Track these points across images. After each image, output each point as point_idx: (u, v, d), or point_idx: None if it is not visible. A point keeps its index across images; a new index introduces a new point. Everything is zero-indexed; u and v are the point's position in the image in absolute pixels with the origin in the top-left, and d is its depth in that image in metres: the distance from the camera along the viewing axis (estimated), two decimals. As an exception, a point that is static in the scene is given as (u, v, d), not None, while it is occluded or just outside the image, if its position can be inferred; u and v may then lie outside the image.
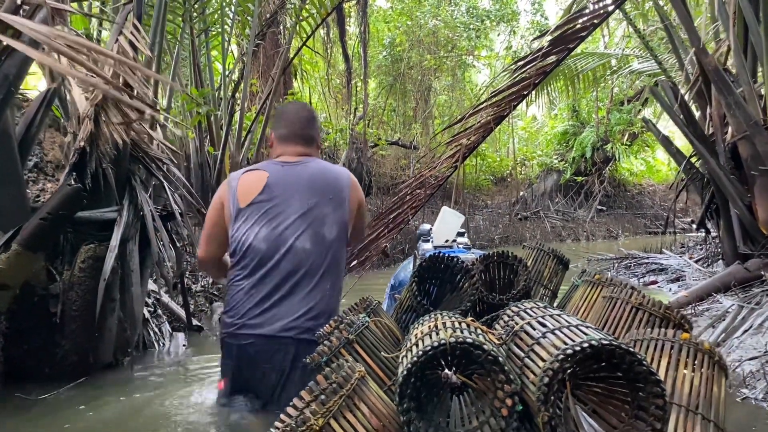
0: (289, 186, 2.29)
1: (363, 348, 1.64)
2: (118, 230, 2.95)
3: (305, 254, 2.22)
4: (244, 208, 2.26)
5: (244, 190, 2.29)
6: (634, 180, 18.30)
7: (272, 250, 2.21)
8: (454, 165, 5.07)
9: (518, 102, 4.96)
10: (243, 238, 2.24)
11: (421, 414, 1.30)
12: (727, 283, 3.99)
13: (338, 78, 12.97)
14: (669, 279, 5.71)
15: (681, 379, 1.42)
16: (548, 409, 1.17)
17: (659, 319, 1.71)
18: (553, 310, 1.50)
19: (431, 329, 1.40)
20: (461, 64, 14.46)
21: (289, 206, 2.26)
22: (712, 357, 1.46)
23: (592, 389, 1.35)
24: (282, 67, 6.95)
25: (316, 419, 1.24)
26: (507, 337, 1.44)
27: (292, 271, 2.20)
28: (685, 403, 1.37)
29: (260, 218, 2.24)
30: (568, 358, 1.19)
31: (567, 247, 12.58)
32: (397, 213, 5.02)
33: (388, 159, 14.00)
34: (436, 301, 2.11)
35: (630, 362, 1.20)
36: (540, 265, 2.32)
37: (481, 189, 16.79)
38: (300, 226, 2.24)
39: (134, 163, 3.24)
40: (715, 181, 4.76)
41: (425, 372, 1.33)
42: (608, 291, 1.86)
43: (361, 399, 1.32)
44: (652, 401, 1.20)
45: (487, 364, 1.27)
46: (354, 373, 1.34)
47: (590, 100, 16.79)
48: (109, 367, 3.09)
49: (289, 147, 2.41)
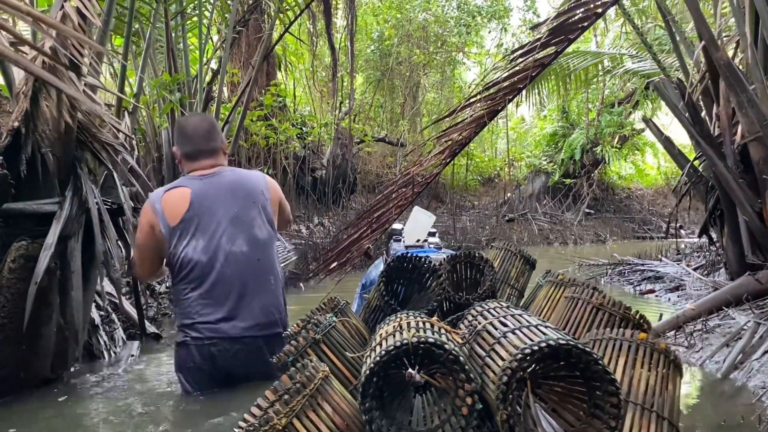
0: (212, 197, 2.44)
1: (330, 348, 1.66)
2: (57, 225, 2.56)
3: (244, 257, 2.42)
4: (175, 226, 2.40)
5: (171, 209, 2.41)
6: (622, 184, 18.10)
7: (213, 259, 2.37)
8: (444, 162, 4.72)
9: (514, 96, 4.62)
10: (182, 254, 2.38)
11: (384, 413, 1.33)
12: (738, 296, 3.67)
13: (324, 71, 12.57)
14: (667, 288, 5.39)
15: (637, 377, 1.44)
16: (506, 407, 1.19)
17: (619, 319, 1.74)
18: (515, 309, 1.52)
19: (395, 329, 1.42)
20: (451, 61, 14.11)
21: (218, 216, 2.42)
22: (668, 356, 1.48)
23: (553, 388, 1.38)
24: (262, 54, 6.54)
25: (279, 419, 1.26)
26: (470, 337, 1.46)
27: (236, 275, 2.40)
28: (641, 402, 1.39)
29: (195, 232, 2.39)
30: (527, 358, 1.21)
31: (555, 251, 12.29)
32: (381, 212, 4.66)
33: (374, 156, 13.65)
34: (404, 300, 2.14)
35: (587, 361, 1.23)
36: (507, 265, 2.35)
37: (469, 189, 16.49)
38: (233, 232, 2.43)
39: (82, 149, 2.84)
40: (721, 185, 4.44)
41: (389, 371, 1.35)
42: (570, 291, 1.89)
43: (325, 398, 1.34)
44: (607, 400, 1.23)
45: (449, 364, 1.29)
46: (318, 372, 1.36)
47: (581, 101, 16.54)
48: (46, 382, 2.70)
49: (199, 163, 2.55)
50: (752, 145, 4.09)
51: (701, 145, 4.45)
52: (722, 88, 4.43)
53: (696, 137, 4.50)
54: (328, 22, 9.94)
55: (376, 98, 13.84)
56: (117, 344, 3.31)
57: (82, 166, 2.79)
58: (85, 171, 2.79)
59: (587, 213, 15.76)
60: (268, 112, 8.97)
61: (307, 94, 12.29)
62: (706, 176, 5.05)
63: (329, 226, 9.55)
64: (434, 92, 14.93)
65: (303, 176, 10.58)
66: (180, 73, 5.97)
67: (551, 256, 10.98)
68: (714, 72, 4.46)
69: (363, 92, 13.81)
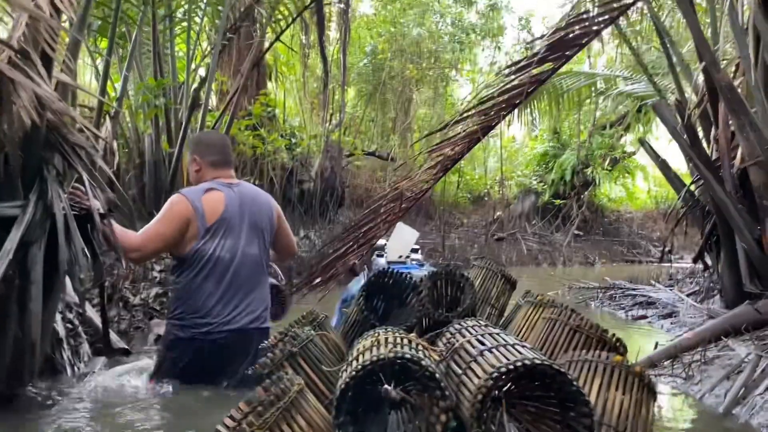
0: (240, 204, 2.80)
1: (306, 361, 1.66)
2: (17, 230, 2.36)
3: (255, 260, 2.81)
4: (212, 225, 2.70)
5: (210, 209, 2.72)
6: (612, 206, 18.07)
7: (234, 258, 2.72)
8: (436, 177, 4.58)
9: (509, 112, 4.50)
10: (211, 250, 2.69)
11: (358, 428, 1.32)
12: (736, 325, 3.53)
13: (315, 82, 12.43)
14: (660, 314, 5.25)
15: (612, 400, 1.43)
16: (480, 425, 1.19)
17: (596, 341, 1.75)
18: (493, 329, 1.52)
19: (372, 344, 1.42)
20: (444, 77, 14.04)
21: (242, 221, 2.78)
22: (642, 380, 1.48)
23: (527, 408, 1.38)
24: (252, 61, 6.40)
25: (252, 430, 1.26)
26: (447, 354, 1.46)
27: (250, 275, 2.78)
28: (614, 424, 1.38)
29: (225, 232, 2.73)
30: (502, 377, 1.21)
31: (544, 272, 12.17)
32: (369, 227, 4.50)
33: (364, 170, 13.50)
34: (384, 316, 2.13)
35: (561, 382, 1.23)
36: (488, 284, 2.33)
37: (458, 206, 16.37)
38: (251, 237, 2.81)
39: (51, 150, 2.65)
40: (719, 210, 4.31)
41: (365, 387, 1.34)
42: (549, 312, 1.90)
43: (299, 412, 1.34)
44: (580, 421, 1.22)
45: (425, 380, 1.29)
46: (293, 386, 1.35)
47: (572, 122, 16.52)
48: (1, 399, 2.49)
49: (223, 171, 2.88)
50: (752, 169, 3.97)
51: (699, 168, 4.34)
52: (722, 111, 4.33)
53: (694, 160, 4.38)
54: (321, 33, 9.81)
55: (367, 112, 13.73)
56: (82, 359, 3.10)
57: (49, 168, 2.60)
58: (52, 174, 2.60)
59: (576, 234, 15.67)
60: (257, 122, 8.80)
61: (297, 105, 12.15)
62: (703, 201, 4.93)
63: (315, 240, 9.36)
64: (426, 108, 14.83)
65: (290, 188, 10.40)
66: (166, 78, 5.81)
67: (540, 276, 10.85)
68: (713, 94, 4.35)
69: (354, 105, 13.69)
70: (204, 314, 2.66)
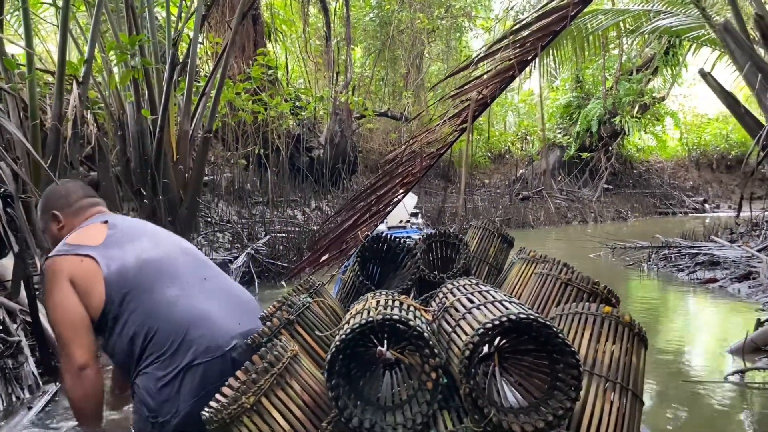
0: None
1: (304, 328, 1.63)
2: None
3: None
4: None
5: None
6: (641, 156, 17.09)
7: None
8: (460, 128, 3.78)
9: (549, 41, 3.67)
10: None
11: (351, 390, 1.30)
12: None
13: (318, 40, 11.53)
14: (732, 276, 4.44)
15: (602, 350, 1.41)
16: (469, 381, 1.19)
17: (587, 294, 1.73)
18: (483, 286, 1.50)
19: (364, 308, 1.41)
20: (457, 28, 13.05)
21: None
22: (632, 329, 1.45)
23: (520, 362, 1.37)
24: (242, 10, 5.58)
25: (247, 397, 1.27)
26: (438, 314, 1.45)
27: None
28: (605, 374, 1.36)
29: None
30: (489, 332, 1.21)
31: (574, 231, 11.35)
32: (384, 191, 3.73)
33: (376, 133, 12.68)
34: (381, 280, 2.14)
35: (547, 335, 1.22)
36: (486, 244, 2.33)
37: (478, 167, 15.50)
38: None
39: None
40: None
41: (357, 349, 1.34)
42: (541, 268, 1.87)
43: (293, 377, 1.34)
44: (568, 372, 1.22)
45: (415, 340, 1.28)
46: (286, 352, 1.36)
47: (596, 69, 15.48)
48: None
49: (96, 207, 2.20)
50: None
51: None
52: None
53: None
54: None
55: (376, 70, 12.82)
56: (23, 386, 2.40)
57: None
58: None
59: (605, 189, 14.80)
60: (257, 86, 8.00)
61: (300, 65, 11.28)
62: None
63: (328, 211, 8.62)
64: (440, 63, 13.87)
65: (298, 156, 9.65)
66: (140, 34, 5.02)
67: (571, 236, 10.04)
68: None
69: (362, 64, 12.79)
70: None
